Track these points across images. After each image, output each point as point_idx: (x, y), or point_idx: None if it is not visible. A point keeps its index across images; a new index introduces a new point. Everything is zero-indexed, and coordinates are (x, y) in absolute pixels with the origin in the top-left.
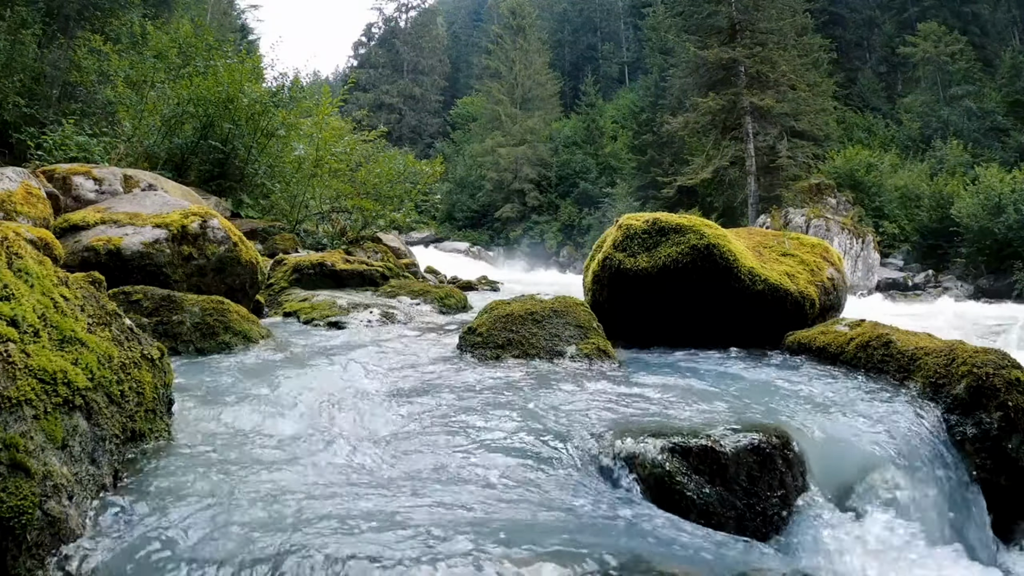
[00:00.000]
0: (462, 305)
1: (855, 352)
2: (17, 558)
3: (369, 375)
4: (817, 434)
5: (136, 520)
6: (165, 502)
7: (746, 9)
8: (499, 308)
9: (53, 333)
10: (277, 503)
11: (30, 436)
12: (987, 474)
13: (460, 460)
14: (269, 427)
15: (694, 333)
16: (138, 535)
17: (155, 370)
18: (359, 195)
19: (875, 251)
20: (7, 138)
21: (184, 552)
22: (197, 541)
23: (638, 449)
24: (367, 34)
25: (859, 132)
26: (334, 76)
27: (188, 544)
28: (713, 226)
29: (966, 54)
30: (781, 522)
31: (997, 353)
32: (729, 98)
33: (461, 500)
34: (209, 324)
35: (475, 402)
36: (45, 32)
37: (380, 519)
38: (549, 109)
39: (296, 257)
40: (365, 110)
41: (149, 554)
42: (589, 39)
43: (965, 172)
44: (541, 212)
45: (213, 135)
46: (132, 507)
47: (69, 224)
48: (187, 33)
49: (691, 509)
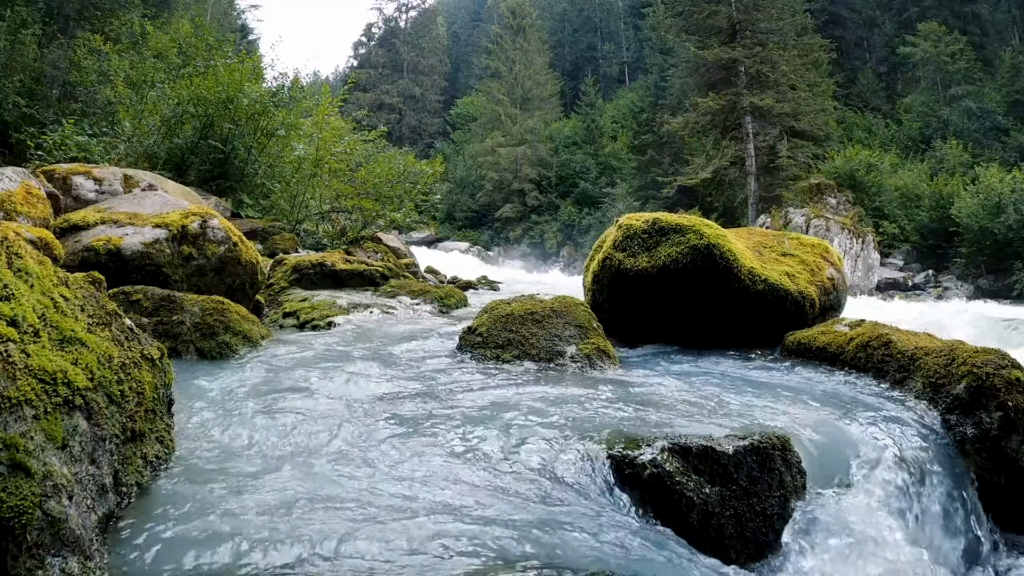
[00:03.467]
0: (462, 305)
1: (855, 352)
2: (17, 558)
3: (368, 376)
4: (817, 435)
5: (136, 520)
6: (165, 503)
7: (746, 9)
8: (499, 308)
9: (53, 333)
10: (275, 504)
11: (30, 436)
12: (987, 474)
13: (460, 461)
14: (269, 428)
15: (694, 333)
16: (137, 535)
17: (155, 370)
18: (359, 195)
19: (875, 251)
20: (7, 138)
21: (184, 552)
22: (197, 542)
23: (638, 449)
24: (367, 34)
25: (859, 132)
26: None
27: (188, 544)
28: (713, 226)
29: (966, 54)
30: (780, 522)
31: (997, 353)
32: (729, 98)
33: (458, 502)
34: (209, 324)
35: (474, 403)
36: (45, 32)
37: (377, 517)
38: (549, 109)
39: (296, 257)
40: (365, 110)
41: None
42: (589, 39)
43: (965, 172)
44: (541, 212)
45: (213, 135)
46: (132, 507)
47: (69, 224)
48: (187, 33)
49: (691, 509)
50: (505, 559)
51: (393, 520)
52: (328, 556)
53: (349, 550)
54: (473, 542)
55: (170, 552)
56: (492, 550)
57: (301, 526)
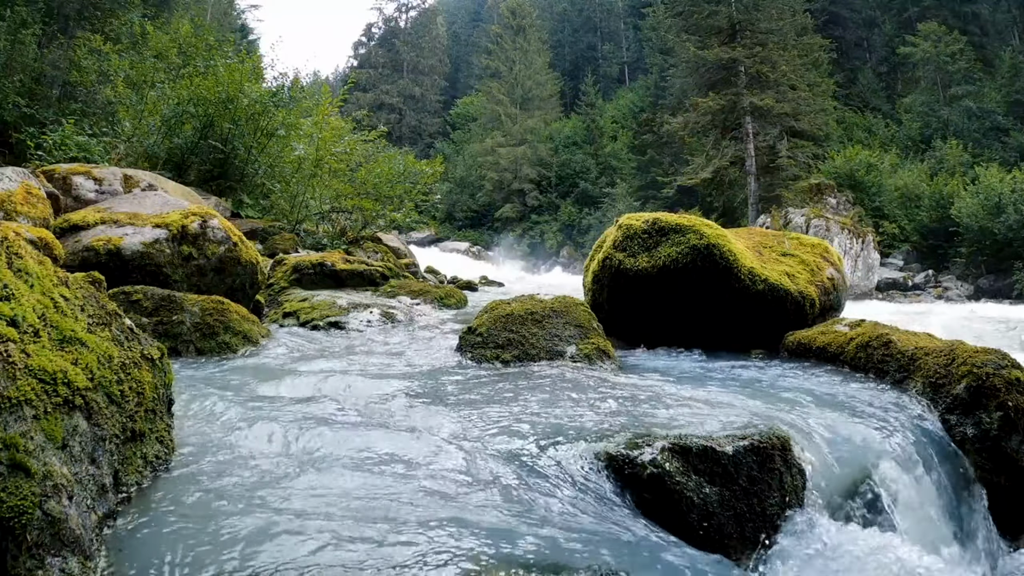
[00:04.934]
0: (462, 305)
1: (855, 352)
2: (17, 558)
3: (368, 376)
4: (817, 435)
5: (136, 520)
6: (165, 502)
7: (746, 9)
8: (499, 308)
9: (53, 333)
10: (275, 504)
11: (30, 436)
12: (987, 474)
13: (459, 460)
14: (269, 428)
15: (694, 333)
16: (137, 535)
17: (155, 370)
18: (359, 195)
19: (875, 251)
20: (7, 138)
21: (185, 551)
22: (197, 541)
23: (638, 449)
24: (367, 34)
25: (859, 132)
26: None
27: (188, 543)
28: (713, 226)
29: (966, 54)
30: (780, 522)
31: (997, 353)
32: (729, 98)
33: (457, 501)
34: (209, 324)
35: (474, 403)
36: (45, 32)
37: (376, 514)
38: (549, 109)
39: (296, 257)
40: (365, 110)
41: (150, 554)
42: (589, 39)
43: (965, 172)
44: (541, 212)
45: (213, 135)
46: (132, 507)
47: (69, 224)
48: (187, 33)
49: (691, 509)
50: (504, 557)
51: (390, 517)
52: (329, 553)
53: (349, 549)
54: (471, 540)
55: (170, 551)
56: (491, 548)
57: (301, 525)
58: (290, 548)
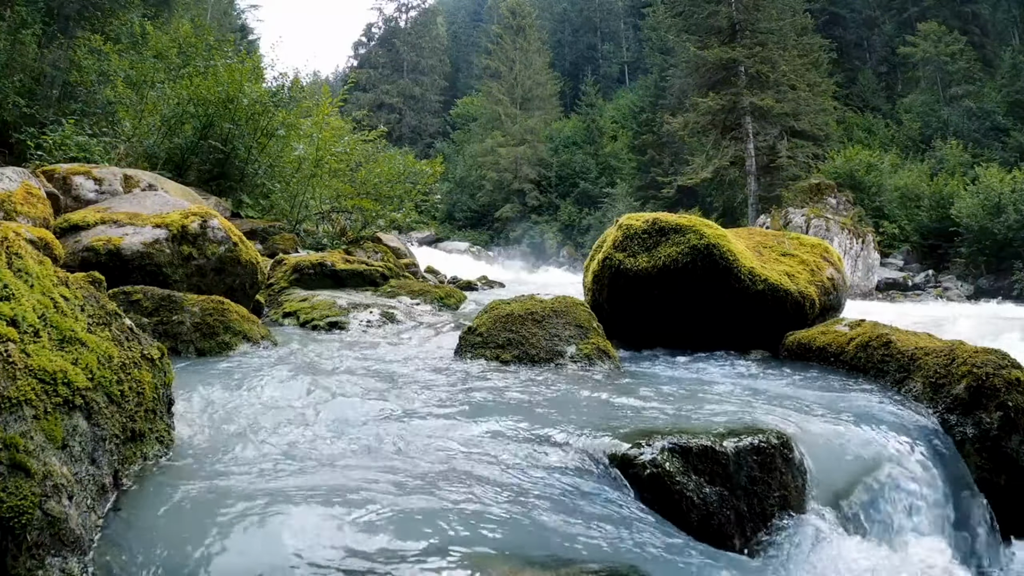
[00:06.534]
0: (462, 305)
1: (855, 352)
2: (17, 558)
3: (368, 376)
4: (817, 435)
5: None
6: (165, 502)
7: (746, 9)
8: (499, 308)
9: (53, 333)
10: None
11: (30, 436)
12: (987, 474)
13: (459, 460)
14: (268, 427)
15: (694, 333)
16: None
17: (155, 370)
18: (359, 195)
19: (875, 251)
20: (7, 138)
21: (185, 551)
22: (197, 541)
23: (638, 449)
24: (367, 34)
25: (859, 132)
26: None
27: (188, 543)
28: (713, 226)
29: (966, 54)
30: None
31: (997, 353)
32: (729, 98)
33: (458, 500)
34: (209, 324)
35: (474, 403)
36: (45, 32)
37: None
38: (549, 109)
39: (296, 257)
40: (365, 110)
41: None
42: (589, 39)
43: (965, 172)
44: (541, 212)
45: (213, 135)
46: (131, 508)
47: (69, 224)
48: (187, 33)
49: (691, 509)
50: (505, 554)
51: (392, 515)
52: (329, 552)
53: (349, 548)
54: (474, 538)
55: (170, 551)
56: (493, 546)
57: (301, 524)
58: (290, 547)
